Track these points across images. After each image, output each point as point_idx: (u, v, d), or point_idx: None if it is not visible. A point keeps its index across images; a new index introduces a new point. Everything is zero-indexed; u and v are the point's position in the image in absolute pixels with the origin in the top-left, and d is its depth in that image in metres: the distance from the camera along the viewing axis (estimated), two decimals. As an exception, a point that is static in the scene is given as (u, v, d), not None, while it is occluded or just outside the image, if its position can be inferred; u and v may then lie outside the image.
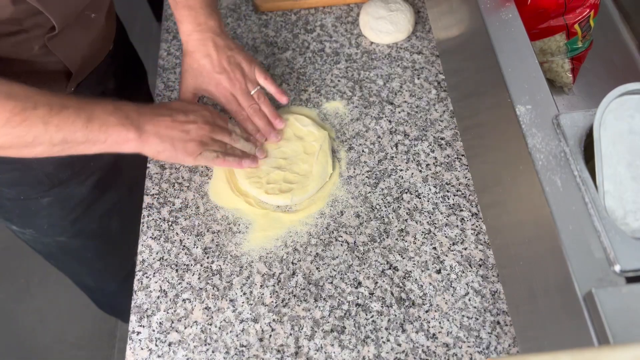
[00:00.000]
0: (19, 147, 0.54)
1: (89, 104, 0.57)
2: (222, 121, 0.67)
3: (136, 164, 0.75)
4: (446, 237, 0.65)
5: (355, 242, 0.66)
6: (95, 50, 0.72)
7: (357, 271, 0.64)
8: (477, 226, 0.66)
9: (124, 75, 0.84)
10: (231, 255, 0.66)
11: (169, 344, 0.60)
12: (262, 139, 0.71)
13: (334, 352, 0.59)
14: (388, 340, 0.59)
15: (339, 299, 0.62)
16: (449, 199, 0.68)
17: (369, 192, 0.69)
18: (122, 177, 0.87)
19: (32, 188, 0.75)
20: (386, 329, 0.60)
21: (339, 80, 0.80)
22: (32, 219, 0.80)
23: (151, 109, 0.62)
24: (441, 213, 0.67)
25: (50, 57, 0.64)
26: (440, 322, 0.60)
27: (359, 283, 0.63)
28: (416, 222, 0.67)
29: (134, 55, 0.93)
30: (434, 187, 0.69)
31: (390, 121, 0.75)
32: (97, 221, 0.87)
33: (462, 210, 0.67)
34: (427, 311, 0.61)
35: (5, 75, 0.53)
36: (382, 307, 0.61)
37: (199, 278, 0.65)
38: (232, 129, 0.68)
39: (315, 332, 0.60)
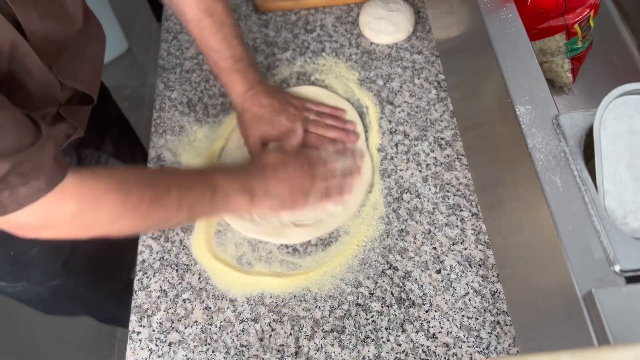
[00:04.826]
0: (155, 227, 0.58)
1: (210, 175, 0.61)
2: (315, 153, 0.69)
3: None
4: (446, 237, 0.65)
5: (355, 241, 0.66)
6: (92, 103, 0.74)
7: (357, 271, 0.64)
8: (477, 226, 0.66)
9: (95, 108, 0.84)
10: (231, 255, 0.66)
11: (169, 344, 0.60)
12: (342, 146, 0.72)
13: (334, 352, 0.59)
14: (388, 340, 0.59)
15: (339, 299, 0.62)
16: (449, 199, 0.68)
17: (369, 192, 0.69)
18: None
19: (20, 241, 0.74)
20: (386, 329, 0.60)
21: (339, 80, 0.80)
22: (24, 272, 0.80)
23: (257, 168, 0.65)
24: (441, 213, 0.67)
25: (59, 124, 0.66)
26: (440, 322, 0.60)
27: (359, 283, 0.63)
28: (416, 222, 0.67)
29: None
30: (434, 187, 0.69)
31: (390, 121, 0.75)
32: (85, 255, 0.86)
33: (462, 210, 0.67)
34: (427, 311, 0.61)
35: None
36: (382, 307, 0.61)
37: (199, 278, 0.65)
38: (325, 154, 0.69)
39: (315, 332, 0.60)
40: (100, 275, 0.96)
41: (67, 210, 0.50)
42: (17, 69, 0.51)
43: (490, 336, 0.59)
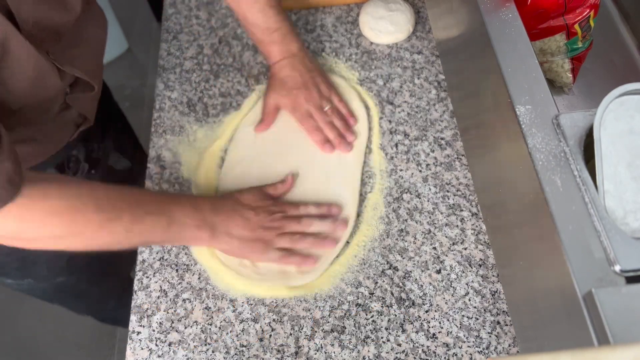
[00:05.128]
0: (105, 248, 0.57)
1: (169, 205, 0.59)
2: (293, 209, 0.66)
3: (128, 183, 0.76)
4: (446, 237, 0.65)
5: (355, 241, 0.66)
6: (99, 92, 0.75)
7: (357, 271, 0.64)
8: (477, 226, 0.66)
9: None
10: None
11: (169, 344, 0.60)
12: (331, 150, 0.72)
13: (334, 352, 0.59)
14: (388, 340, 0.59)
15: (339, 299, 0.62)
16: (449, 199, 0.68)
17: (369, 192, 0.69)
18: None
19: None
20: (386, 329, 0.60)
21: (339, 80, 0.80)
22: (32, 268, 0.80)
23: (226, 206, 0.64)
24: (441, 213, 0.67)
25: (67, 112, 0.66)
26: (440, 322, 0.60)
27: (359, 283, 0.63)
28: (416, 222, 0.67)
29: None
30: (434, 187, 0.69)
31: (390, 121, 0.75)
32: (89, 251, 0.86)
33: (462, 210, 0.67)
34: (427, 311, 0.61)
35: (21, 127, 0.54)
36: (382, 307, 0.61)
37: (199, 278, 0.65)
38: (305, 211, 0.67)
39: (315, 332, 0.60)
40: (101, 272, 0.96)
41: (9, 228, 0.51)
42: (8, 58, 0.51)
43: (490, 336, 0.59)
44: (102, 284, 1.00)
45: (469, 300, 0.61)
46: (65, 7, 0.57)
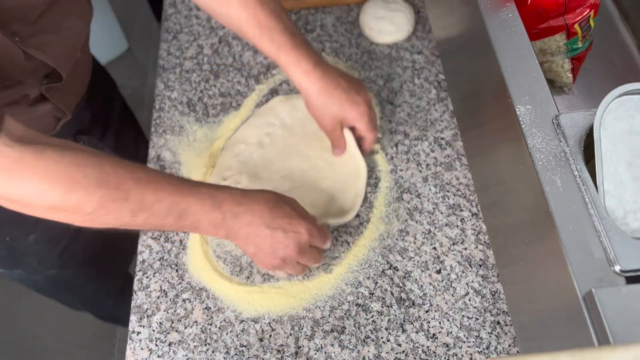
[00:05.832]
0: (102, 227, 0.51)
1: (185, 196, 0.53)
2: (320, 241, 0.60)
3: None
4: (446, 237, 0.65)
5: (355, 241, 0.66)
6: (82, 88, 0.74)
7: (357, 271, 0.64)
8: (477, 226, 0.66)
9: (98, 99, 0.82)
10: (231, 255, 0.66)
11: (169, 344, 0.60)
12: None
13: (334, 352, 0.59)
14: (388, 340, 0.59)
15: (339, 299, 0.62)
16: (449, 199, 0.68)
17: (369, 192, 0.69)
18: None
19: (17, 227, 0.73)
20: (386, 329, 0.60)
21: (339, 80, 0.80)
22: (20, 258, 0.80)
23: (255, 211, 0.56)
24: (441, 213, 0.67)
25: (44, 105, 0.64)
26: (440, 322, 0.60)
27: (359, 283, 0.63)
28: (416, 222, 0.67)
29: (100, 70, 0.88)
30: (434, 187, 0.69)
31: (390, 121, 0.75)
32: (83, 247, 0.86)
33: (462, 210, 0.67)
34: (427, 311, 0.61)
35: None
36: (382, 307, 0.61)
37: (199, 277, 0.65)
38: (328, 248, 0.63)
39: (315, 332, 0.60)
40: (98, 268, 0.95)
41: None
42: None
43: (490, 336, 0.59)
44: (98, 281, 1.00)
45: (469, 300, 0.61)
46: None
